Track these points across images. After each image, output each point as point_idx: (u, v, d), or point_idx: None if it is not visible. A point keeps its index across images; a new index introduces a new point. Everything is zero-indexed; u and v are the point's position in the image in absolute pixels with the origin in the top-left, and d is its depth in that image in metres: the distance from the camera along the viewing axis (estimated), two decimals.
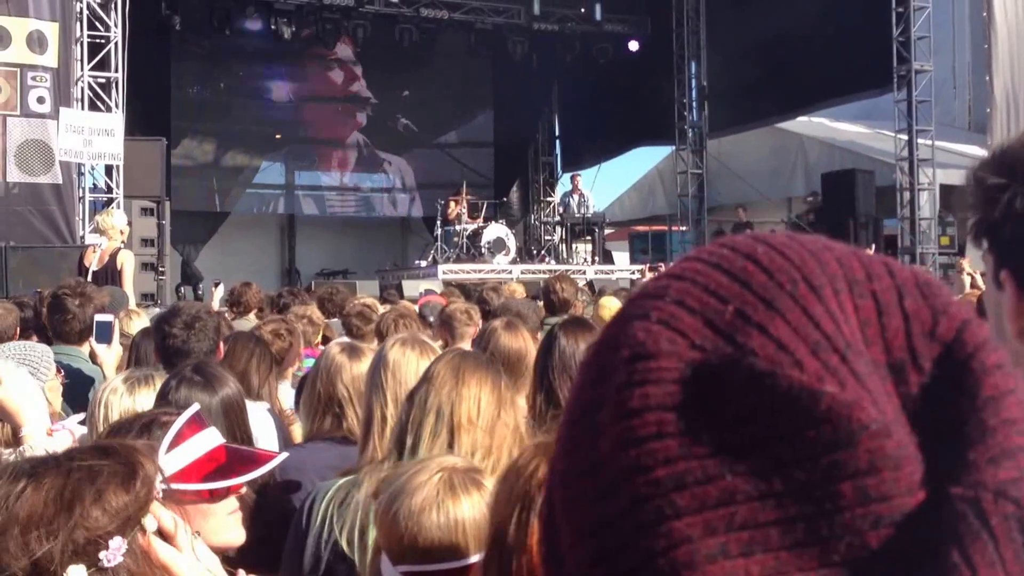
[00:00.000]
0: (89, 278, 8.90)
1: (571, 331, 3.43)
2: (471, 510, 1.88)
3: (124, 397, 2.93)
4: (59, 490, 1.41)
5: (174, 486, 1.84)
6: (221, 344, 4.25)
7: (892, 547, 0.49)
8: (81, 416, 3.06)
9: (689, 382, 0.52)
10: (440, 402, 2.47)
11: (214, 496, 2.08)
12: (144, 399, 2.92)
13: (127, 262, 9.52)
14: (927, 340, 0.53)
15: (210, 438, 2.11)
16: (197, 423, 2.11)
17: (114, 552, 1.41)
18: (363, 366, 3.25)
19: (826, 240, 0.57)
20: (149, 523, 1.47)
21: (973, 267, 12.59)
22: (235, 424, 2.96)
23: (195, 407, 2.19)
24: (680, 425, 0.52)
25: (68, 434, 2.81)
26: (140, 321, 5.61)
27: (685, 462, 0.51)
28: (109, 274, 9.27)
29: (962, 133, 18.65)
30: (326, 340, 6.31)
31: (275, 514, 2.90)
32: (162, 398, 2.85)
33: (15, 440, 2.56)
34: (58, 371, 3.87)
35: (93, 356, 4.93)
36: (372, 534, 2.32)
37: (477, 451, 2.40)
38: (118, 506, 1.43)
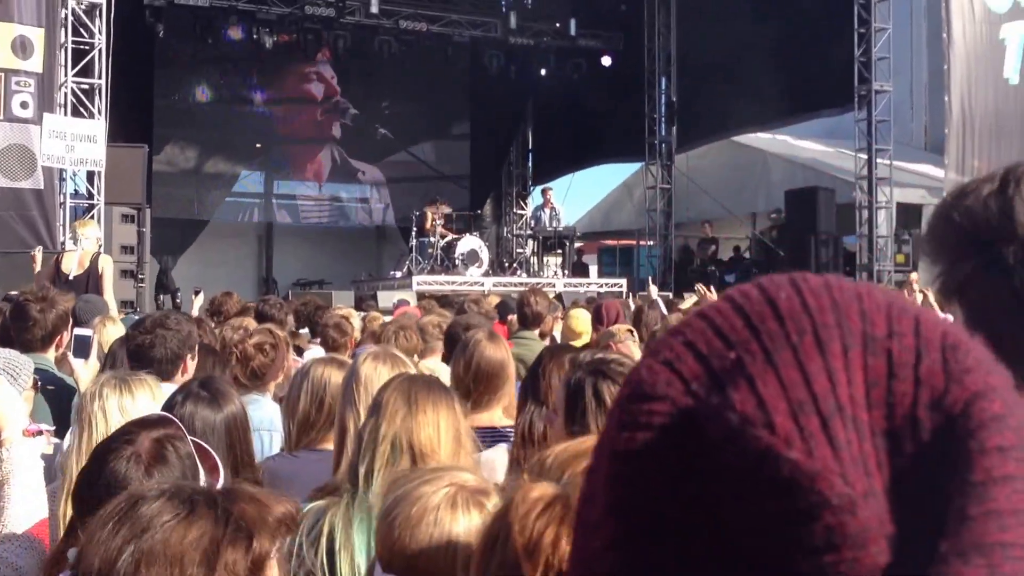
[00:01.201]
0: (66, 284, 8.73)
1: (555, 358, 3.33)
2: (466, 530, 1.82)
3: (123, 399, 2.91)
4: (211, 537, 1.43)
5: None
6: (189, 356, 4.17)
7: None
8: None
9: (674, 430, 0.51)
10: (395, 432, 2.46)
11: None
12: (143, 401, 2.92)
13: (107, 267, 9.46)
14: (932, 410, 0.49)
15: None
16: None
17: None
18: (338, 375, 3.32)
19: (868, 287, 0.54)
20: None
21: (923, 284, 13.09)
22: (236, 441, 2.97)
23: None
24: (656, 474, 0.51)
25: (44, 436, 2.84)
26: (116, 329, 5.49)
27: (658, 509, 0.51)
28: (89, 279, 9.20)
29: (919, 153, 19.19)
30: (298, 350, 6.30)
31: None
32: (168, 411, 2.76)
33: None
34: (35, 384, 3.86)
35: (58, 363, 4.87)
36: (341, 558, 2.39)
37: None
38: (238, 568, 1.43)
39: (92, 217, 13.03)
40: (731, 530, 0.49)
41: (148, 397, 2.96)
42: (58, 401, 4.53)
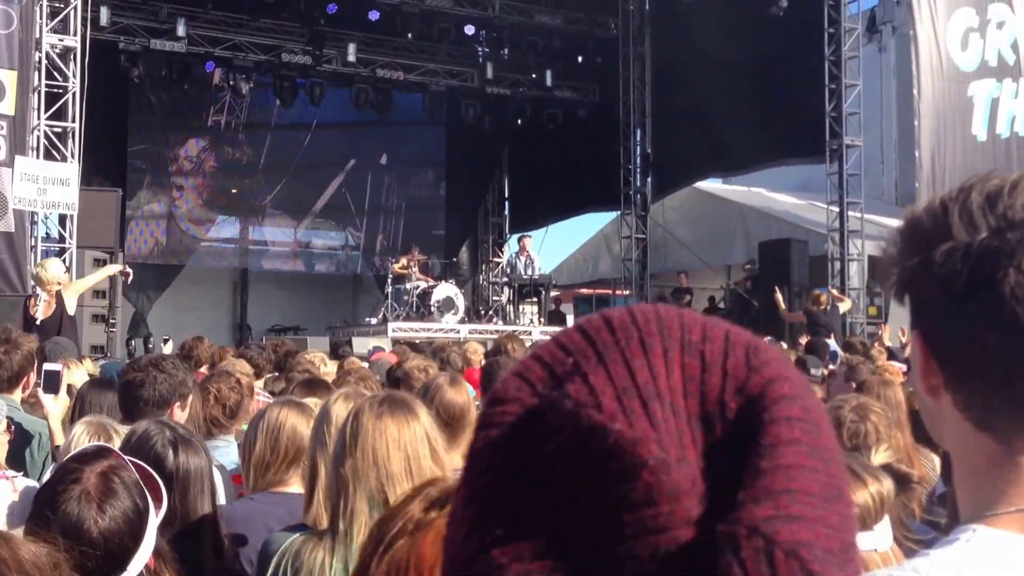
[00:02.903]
0: (36, 329, 8.72)
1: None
2: None
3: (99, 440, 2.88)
4: None
5: None
6: (179, 405, 4.08)
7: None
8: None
9: (521, 423, 0.58)
10: (367, 465, 2.47)
11: None
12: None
13: (71, 305, 9.49)
14: (736, 394, 0.58)
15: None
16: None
17: None
18: (307, 421, 3.30)
19: (686, 311, 0.63)
20: None
21: (892, 338, 13.16)
22: (210, 481, 2.96)
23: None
24: (505, 462, 0.58)
25: (9, 484, 2.97)
26: (80, 373, 5.47)
27: (505, 497, 0.57)
28: (58, 322, 9.21)
29: (890, 207, 19.38)
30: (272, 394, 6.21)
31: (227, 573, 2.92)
32: (158, 463, 2.69)
33: None
34: (8, 427, 3.85)
35: (24, 404, 4.86)
36: None
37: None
38: None
39: (64, 260, 12.86)
40: (566, 501, 0.56)
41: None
42: (23, 442, 4.50)
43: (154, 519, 2.19)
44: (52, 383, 4.63)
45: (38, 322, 9.20)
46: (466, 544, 0.59)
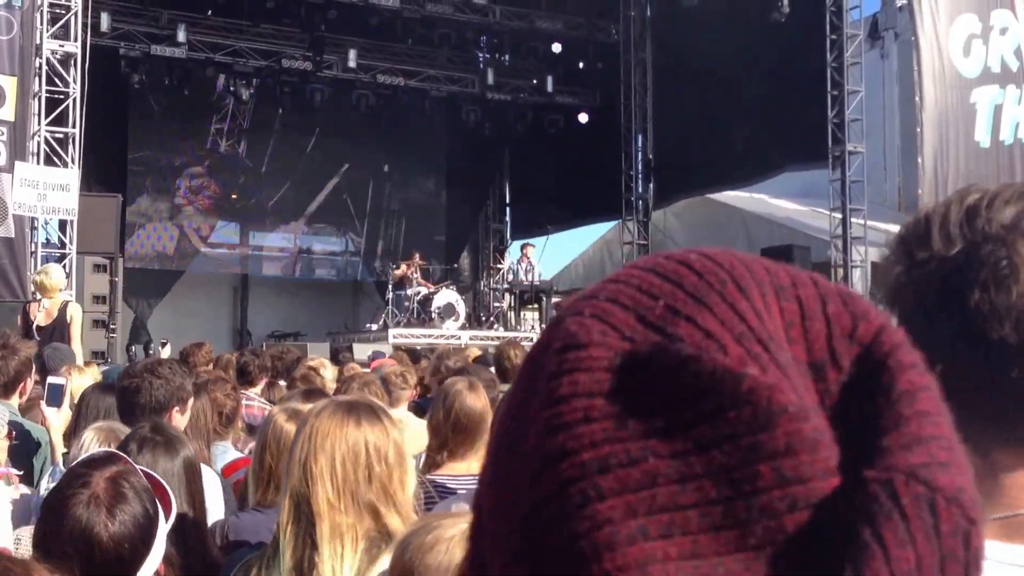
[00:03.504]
0: (36, 334, 8.82)
1: None
2: None
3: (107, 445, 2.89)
4: None
5: None
6: (177, 409, 4.03)
7: (808, 530, 0.50)
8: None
9: (618, 370, 0.53)
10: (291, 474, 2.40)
11: None
12: None
13: (76, 315, 9.43)
14: (847, 342, 0.55)
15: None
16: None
17: None
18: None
19: (757, 256, 0.60)
20: None
21: None
22: (193, 485, 2.95)
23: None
24: (607, 410, 0.53)
25: (14, 481, 2.86)
26: (83, 378, 5.47)
27: (610, 445, 0.52)
28: (57, 329, 9.16)
29: (893, 213, 19.32)
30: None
31: None
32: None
33: None
34: (9, 433, 3.85)
35: (23, 410, 4.85)
36: None
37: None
38: None
39: (64, 266, 12.83)
40: (687, 452, 0.51)
41: None
42: (25, 447, 4.48)
43: (163, 525, 2.19)
44: (56, 396, 4.61)
45: (38, 326, 9.17)
46: (550, 505, 0.53)
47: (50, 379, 4.78)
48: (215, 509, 3.64)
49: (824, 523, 0.51)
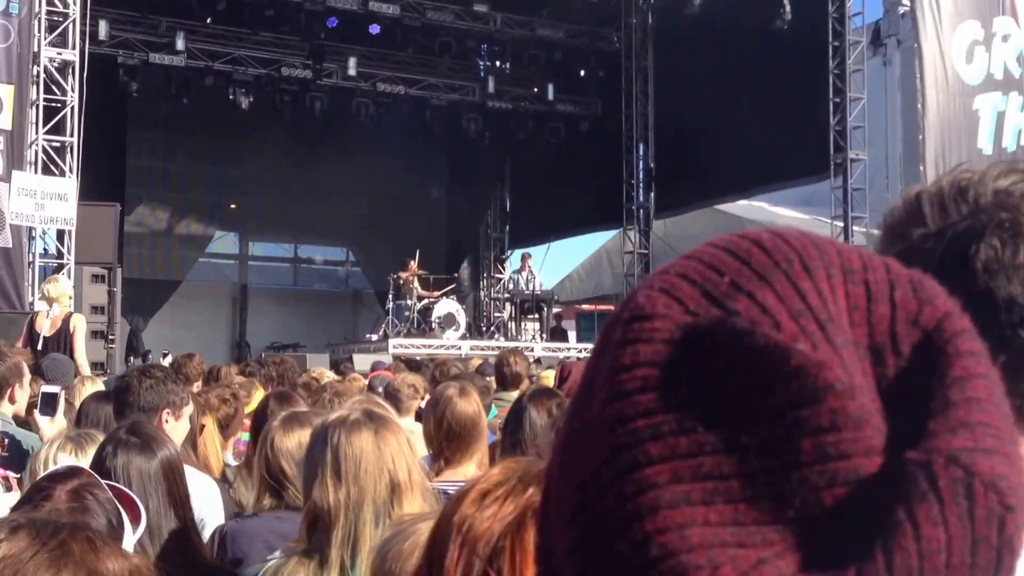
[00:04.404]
0: (40, 344, 8.86)
1: (540, 402, 3.33)
2: None
3: (72, 457, 2.88)
4: (14, 559, 1.42)
5: None
6: (168, 411, 4.00)
7: (845, 506, 0.51)
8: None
9: (679, 342, 0.55)
10: (375, 477, 2.44)
11: None
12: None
13: (79, 327, 9.45)
14: (909, 327, 0.56)
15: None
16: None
17: None
18: (300, 436, 3.21)
19: (834, 239, 0.60)
20: None
21: None
22: (174, 486, 2.91)
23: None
24: (663, 380, 0.55)
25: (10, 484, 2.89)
26: (93, 387, 5.42)
27: (663, 414, 0.54)
28: (62, 340, 9.18)
29: None
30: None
31: None
32: (98, 464, 2.75)
33: None
34: (1, 442, 3.82)
35: (17, 418, 4.81)
36: None
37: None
38: None
39: (53, 278, 12.76)
40: (736, 423, 0.53)
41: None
42: (15, 455, 4.45)
43: (130, 536, 2.17)
44: (50, 405, 4.58)
45: (44, 337, 9.19)
46: (604, 469, 0.55)
47: (43, 388, 4.75)
48: (214, 516, 3.65)
49: (863, 501, 0.51)
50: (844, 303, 0.55)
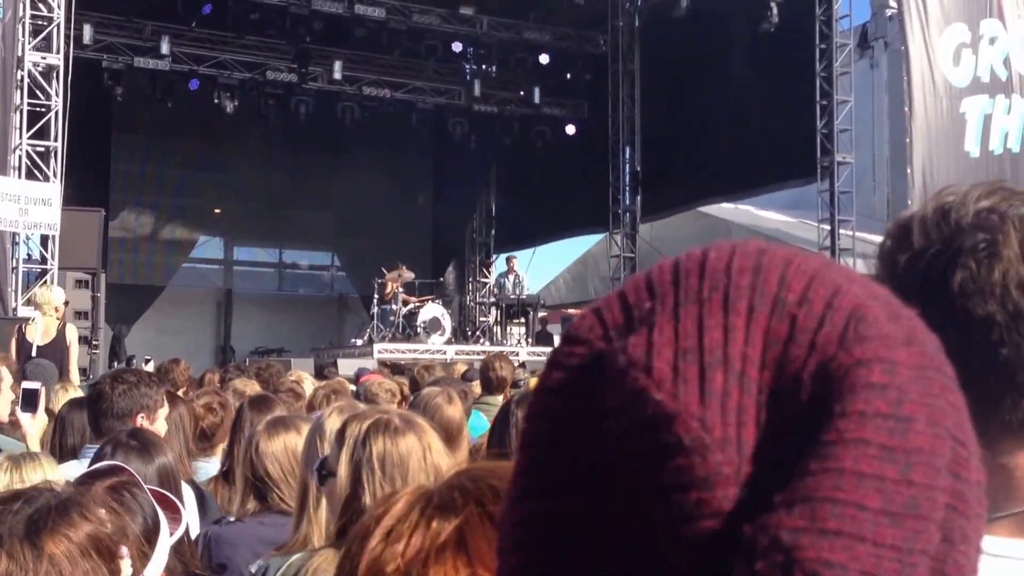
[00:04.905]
0: (35, 353, 8.83)
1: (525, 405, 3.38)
2: None
3: (12, 480, 2.82)
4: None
5: None
6: (142, 416, 3.94)
7: (685, 569, 0.50)
8: None
9: (584, 370, 0.54)
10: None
11: None
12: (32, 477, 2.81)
13: (73, 338, 9.53)
14: (817, 373, 0.51)
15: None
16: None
17: None
18: (286, 440, 3.25)
19: (804, 256, 0.56)
20: None
21: None
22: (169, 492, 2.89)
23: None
24: (560, 410, 0.55)
25: None
26: (73, 394, 5.47)
27: (552, 447, 0.54)
28: (59, 350, 9.19)
29: (882, 225, 19.31)
30: None
31: None
32: (96, 462, 2.75)
33: None
34: None
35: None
36: None
37: None
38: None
39: (46, 282, 12.67)
40: (610, 467, 0.52)
41: (40, 478, 2.79)
42: None
43: (167, 537, 2.19)
44: (31, 401, 4.62)
45: (37, 346, 9.17)
46: (516, 484, 0.56)
47: (24, 384, 4.77)
48: (192, 521, 3.58)
49: (704, 566, 0.49)
50: (760, 340, 0.52)
